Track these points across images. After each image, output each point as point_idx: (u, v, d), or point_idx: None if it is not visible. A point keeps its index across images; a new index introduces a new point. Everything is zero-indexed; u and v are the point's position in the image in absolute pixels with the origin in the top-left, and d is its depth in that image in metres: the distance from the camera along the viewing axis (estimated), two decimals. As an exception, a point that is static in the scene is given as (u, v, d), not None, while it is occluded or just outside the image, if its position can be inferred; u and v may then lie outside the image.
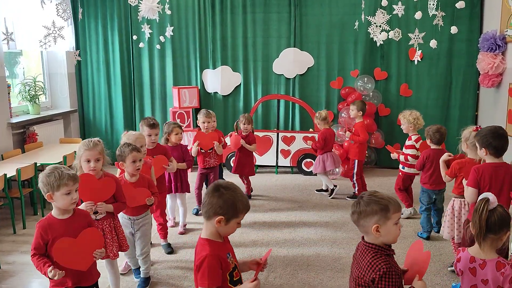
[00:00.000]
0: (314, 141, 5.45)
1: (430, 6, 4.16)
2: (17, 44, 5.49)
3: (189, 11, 6.69)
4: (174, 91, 6.68)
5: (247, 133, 5.19)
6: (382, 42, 5.08)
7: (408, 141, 4.59)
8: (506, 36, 5.49)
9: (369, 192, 1.99)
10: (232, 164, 5.77)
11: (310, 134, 6.31)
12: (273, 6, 6.58)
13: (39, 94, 6.15)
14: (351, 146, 5.44)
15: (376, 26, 5.03)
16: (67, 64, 6.68)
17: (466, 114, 6.48)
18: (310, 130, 6.49)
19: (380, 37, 4.83)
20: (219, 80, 6.77)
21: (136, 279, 3.45)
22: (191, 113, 6.69)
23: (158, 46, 6.53)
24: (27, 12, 5.59)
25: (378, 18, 4.96)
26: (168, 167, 3.86)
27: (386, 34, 4.76)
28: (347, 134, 5.37)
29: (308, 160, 6.41)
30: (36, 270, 2.30)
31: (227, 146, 5.42)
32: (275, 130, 6.63)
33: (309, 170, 6.37)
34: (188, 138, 6.39)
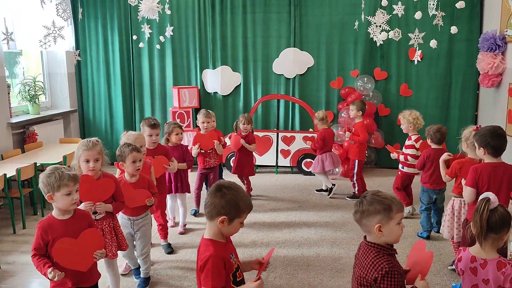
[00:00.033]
0: (314, 141, 5.46)
1: (430, 6, 4.15)
2: (17, 44, 5.48)
3: (189, 11, 6.69)
4: (174, 91, 6.68)
5: (247, 133, 5.19)
6: (382, 42, 5.08)
7: (408, 141, 4.60)
8: (506, 36, 5.49)
9: (372, 191, 1.99)
10: (232, 164, 5.77)
11: (310, 134, 6.32)
12: (273, 6, 6.58)
13: (39, 94, 6.15)
14: (351, 146, 5.44)
15: (376, 26, 5.03)
16: (67, 64, 6.68)
17: (466, 114, 6.47)
18: (310, 130, 6.49)
19: (380, 37, 4.83)
20: (219, 80, 6.77)
21: (136, 279, 3.45)
22: (191, 113, 6.69)
23: (158, 46, 6.53)
24: (27, 12, 5.58)
25: (378, 18, 4.96)
26: (169, 167, 3.86)
27: (386, 34, 4.76)
28: (347, 134, 5.37)
29: (308, 160, 6.41)
30: (36, 270, 2.30)
31: (227, 146, 5.42)
32: (275, 130, 6.63)
33: (309, 170, 6.37)
34: (188, 138, 6.39)
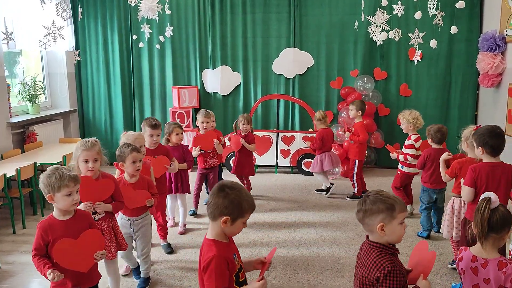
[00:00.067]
0: (313, 141, 5.46)
1: (430, 6, 4.16)
2: (16, 43, 5.48)
3: (188, 11, 6.69)
4: (174, 91, 6.68)
5: (246, 133, 5.19)
6: (382, 42, 5.08)
7: (407, 140, 4.60)
8: (505, 36, 5.49)
9: (375, 191, 1.99)
10: (232, 164, 5.76)
11: (309, 134, 6.32)
12: (273, 6, 6.57)
13: (39, 94, 6.14)
14: (351, 146, 5.44)
15: (376, 26, 5.03)
16: (67, 64, 6.67)
17: (465, 114, 6.48)
18: (310, 130, 6.49)
19: (380, 37, 4.83)
20: (219, 80, 6.77)
21: (136, 279, 3.44)
22: (191, 113, 6.69)
23: (158, 46, 6.52)
24: (27, 11, 5.58)
25: (378, 18, 4.96)
26: (170, 167, 3.86)
27: (386, 34, 4.76)
28: (347, 134, 5.37)
29: (307, 160, 6.41)
30: (36, 270, 2.30)
31: (227, 146, 5.41)
32: (275, 130, 6.63)
33: (308, 170, 6.36)
34: (188, 138, 6.38)
